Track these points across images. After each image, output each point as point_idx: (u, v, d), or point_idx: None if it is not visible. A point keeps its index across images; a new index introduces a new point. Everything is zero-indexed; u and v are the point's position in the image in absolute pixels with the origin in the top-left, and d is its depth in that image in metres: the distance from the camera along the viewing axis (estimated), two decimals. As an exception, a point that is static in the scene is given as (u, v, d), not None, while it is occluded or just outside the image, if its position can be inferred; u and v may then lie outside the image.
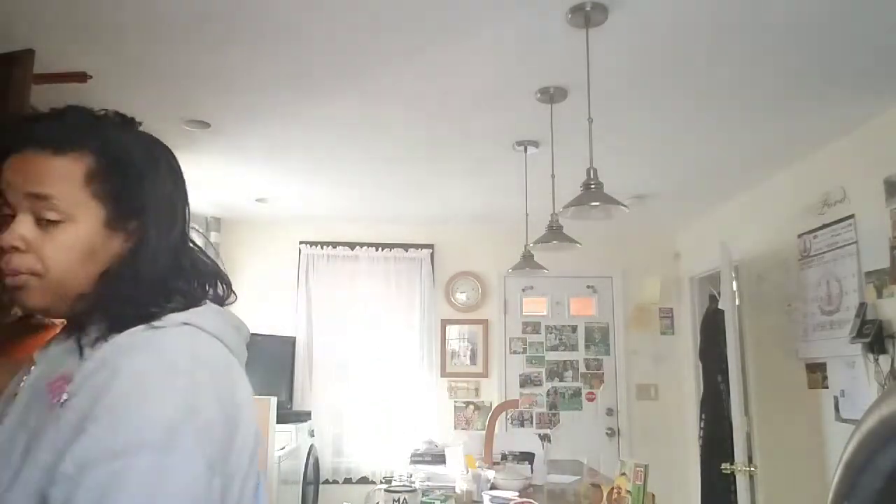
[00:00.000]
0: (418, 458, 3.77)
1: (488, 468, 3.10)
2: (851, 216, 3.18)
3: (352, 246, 5.22)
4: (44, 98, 2.35)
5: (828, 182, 3.38)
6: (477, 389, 5.22)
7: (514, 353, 5.32)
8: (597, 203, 2.20)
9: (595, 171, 2.23)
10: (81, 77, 2.46)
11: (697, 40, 2.35)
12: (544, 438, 4.63)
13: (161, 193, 0.88)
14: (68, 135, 0.82)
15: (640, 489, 2.25)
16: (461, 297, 5.30)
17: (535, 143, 3.36)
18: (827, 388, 3.35)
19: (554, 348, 5.35)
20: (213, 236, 4.94)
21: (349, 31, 2.31)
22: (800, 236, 3.60)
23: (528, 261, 3.54)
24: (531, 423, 5.21)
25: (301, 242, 5.19)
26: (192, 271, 0.89)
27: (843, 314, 3.20)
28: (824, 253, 3.39)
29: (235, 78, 2.68)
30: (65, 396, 0.73)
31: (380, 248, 5.21)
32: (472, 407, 5.17)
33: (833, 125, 3.13)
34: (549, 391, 5.27)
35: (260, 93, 2.81)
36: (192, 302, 0.84)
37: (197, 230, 1.05)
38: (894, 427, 0.60)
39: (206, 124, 3.16)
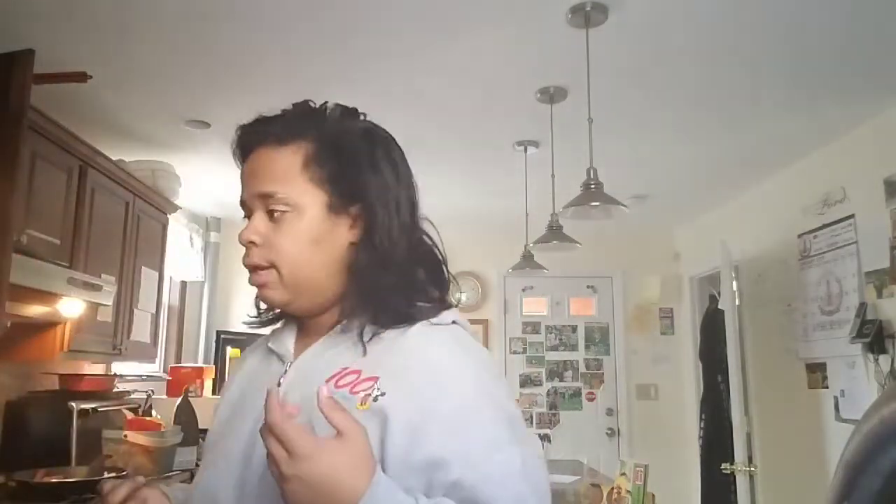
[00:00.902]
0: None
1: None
2: (851, 216, 3.17)
3: (352, 246, 5.21)
4: (44, 98, 2.36)
5: (828, 182, 3.38)
6: (477, 389, 5.22)
7: (514, 353, 5.33)
8: (597, 203, 2.20)
9: (595, 171, 2.23)
10: (81, 77, 2.46)
11: (697, 40, 2.35)
12: (544, 438, 4.62)
13: (380, 177, 0.87)
14: (288, 126, 0.86)
15: (640, 489, 2.25)
16: (461, 297, 5.30)
17: (535, 143, 3.36)
18: (827, 388, 3.34)
19: (554, 348, 5.35)
20: (213, 236, 4.95)
21: (348, 32, 2.31)
22: (800, 236, 3.60)
23: (528, 261, 3.54)
24: (531, 423, 5.21)
25: (301, 242, 5.18)
26: (428, 264, 0.90)
27: (843, 314, 3.20)
28: (824, 253, 3.38)
29: (235, 78, 2.68)
30: (377, 392, 0.77)
31: (380, 248, 5.20)
32: (472, 407, 5.17)
33: (833, 125, 3.13)
34: (549, 391, 5.28)
35: (260, 93, 2.81)
36: (440, 297, 0.88)
37: (198, 230, 1.11)
38: (894, 427, 0.60)
39: (206, 124, 3.15)
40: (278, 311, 0.94)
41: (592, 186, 2.20)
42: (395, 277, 0.84)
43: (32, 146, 2.33)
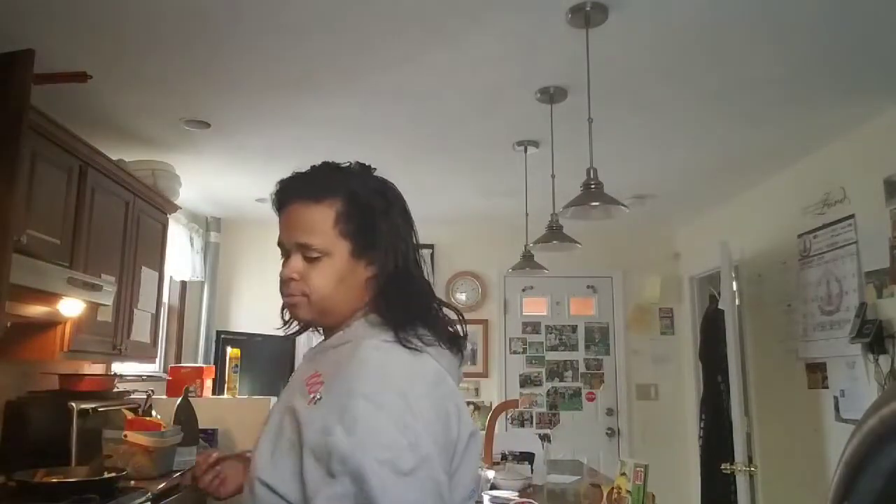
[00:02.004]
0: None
1: (488, 468, 3.10)
2: (851, 216, 3.17)
3: (352, 246, 5.21)
4: (44, 98, 2.36)
5: (828, 182, 3.38)
6: (477, 389, 5.22)
7: (514, 353, 5.32)
8: (597, 203, 2.20)
9: (595, 171, 2.23)
10: (81, 77, 2.46)
11: (697, 40, 2.35)
12: (544, 438, 4.62)
13: (390, 229, 1.08)
14: (322, 185, 1.07)
15: (640, 489, 2.25)
16: (461, 297, 5.30)
17: (535, 143, 3.36)
18: (827, 388, 3.35)
19: (554, 348, 5.35)
20: (213, 236, 4.94)
21: (350, 32, 2.31)
22: (800, 236, 3.60)
23: (528, 261, 3.54)
24: (531, 423, 5.22)
25: (301, 242, 5.18)
26: (412, 299, 1.08)
27: (843, 314, 3.20)
28: (824, 253, 3.38)
29: (235, 78, 2.68)
30: (318, 397, 0.96)
31: (380, 248, 5.19)
32: (472, 407, 5.17)
33: (833, 125, 3.13)
34: (549, 391, 5.28)
35: (260, 93, 2.81)
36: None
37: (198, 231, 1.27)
38: (894, 427, 0.60)
39: (206, 124, 3.16)
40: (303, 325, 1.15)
41: (592, 186, 2.20)
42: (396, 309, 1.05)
43: (32, 146, 2.33)
